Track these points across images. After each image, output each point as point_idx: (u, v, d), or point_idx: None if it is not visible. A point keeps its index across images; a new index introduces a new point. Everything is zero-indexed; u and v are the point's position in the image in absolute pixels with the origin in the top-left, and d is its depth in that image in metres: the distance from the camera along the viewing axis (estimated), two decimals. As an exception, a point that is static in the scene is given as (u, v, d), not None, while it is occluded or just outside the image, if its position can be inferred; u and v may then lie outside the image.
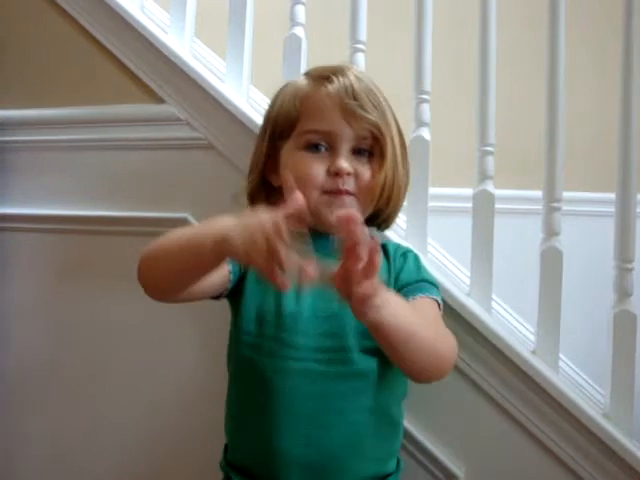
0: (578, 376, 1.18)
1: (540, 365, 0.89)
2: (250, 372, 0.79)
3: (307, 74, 0.86)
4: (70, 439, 1.14)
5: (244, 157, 1.04)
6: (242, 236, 0.60)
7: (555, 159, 0.94)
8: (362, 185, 0.79)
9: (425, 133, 0.98)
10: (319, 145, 0.79)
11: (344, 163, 0.78)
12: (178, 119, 1.09)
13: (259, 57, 1.13)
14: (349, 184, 0.78)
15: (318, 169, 0.78)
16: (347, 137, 0.79)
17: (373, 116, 0.78)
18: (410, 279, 0.81)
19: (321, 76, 0.82)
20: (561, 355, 0.95)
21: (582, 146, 1.37)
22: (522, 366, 0.89)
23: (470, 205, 0.96)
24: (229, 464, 0.82)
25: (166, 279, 0.72)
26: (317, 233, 0.82)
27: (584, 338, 1.10)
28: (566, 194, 0.94)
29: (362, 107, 0.78)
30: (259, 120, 1.02)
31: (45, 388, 1.17)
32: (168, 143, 1.10)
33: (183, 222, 1.07)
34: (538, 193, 0.96)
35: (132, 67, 1.13)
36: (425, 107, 0.98)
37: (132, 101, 1.13)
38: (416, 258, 0.86)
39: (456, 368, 0.91)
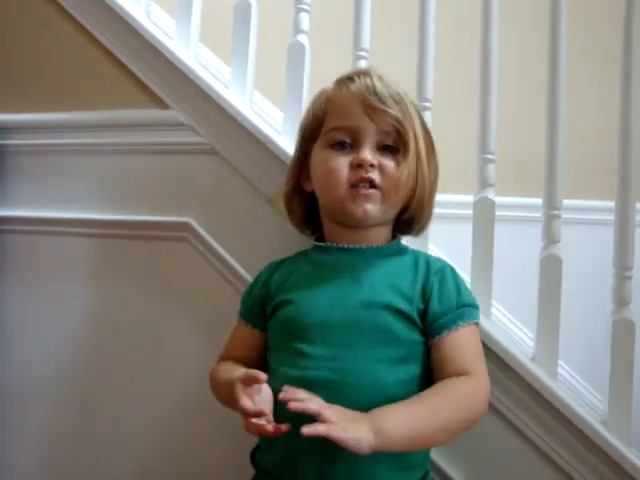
0: (578, 383, 1.18)
1: (538, 372, 0.90)
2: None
3: (336, 80, 0.89)
4: (74, 441, 1.15)
5: (247, 162, 1.05)
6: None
7: (555, 167, 0.95)
8: (386, 177, 0.80)
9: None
10: (344, 142, 0.82)
11: (367, 155, 0.80)
12: (182, 124, 1.10)
13: (263, 63, 1.14)
14: (374, 174, 0.80)
15: (342, 163, 0.81)
16: (370, 132, 0.81)
17: (394, 110, 0.80)
18: (451, 304, 0.79)
19: (345, 78, 0.86)
20: (561, 362, 0.96)
21: (582, 154, 1.37)
22: (521, 372, 0.89)
23: (470, 212, 0.97)
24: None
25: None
26: (339, 249, 0.84)
27: (584, 345, 1.10)
28: (566, 202, 0.95)
29: (383, 102, 0.80)
30: (262, 125, 1.04)
31: (50, 390, 1.17)
32: (172, 148, 1.11)
33: (186, 226, 1.08)
34: (538, 201, 0.96)
35: (137, 72, 1.14)
36: (427, 114, 0.99)
37: (137, 106, 1.14)
38: (454, 276, 0.83)
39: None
